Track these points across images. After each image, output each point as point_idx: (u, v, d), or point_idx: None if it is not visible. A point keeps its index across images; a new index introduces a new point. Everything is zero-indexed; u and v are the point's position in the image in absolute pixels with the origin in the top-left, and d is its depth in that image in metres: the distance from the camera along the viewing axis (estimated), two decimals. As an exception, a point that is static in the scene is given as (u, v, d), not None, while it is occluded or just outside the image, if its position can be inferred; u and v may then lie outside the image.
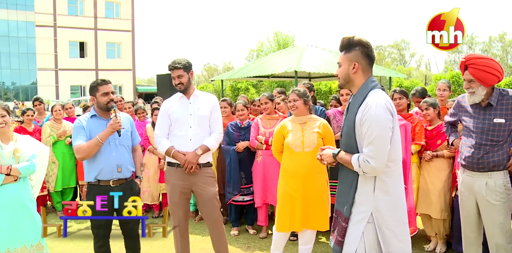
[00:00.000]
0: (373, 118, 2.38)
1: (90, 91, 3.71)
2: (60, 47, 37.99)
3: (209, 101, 3.97)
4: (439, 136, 4.59)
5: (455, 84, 22.41)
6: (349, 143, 2.54)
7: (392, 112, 2.45)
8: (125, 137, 3.73)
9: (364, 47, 2.53)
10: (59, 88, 37.92)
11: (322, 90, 25.00)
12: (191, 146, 3.83)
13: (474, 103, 3.50)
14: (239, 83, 29.18)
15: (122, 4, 40.86)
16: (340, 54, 2.64)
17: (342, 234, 2.54)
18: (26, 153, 3.62)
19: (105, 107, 3.65)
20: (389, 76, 16.78)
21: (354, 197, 2.51)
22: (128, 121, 3.85)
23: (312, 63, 13.83)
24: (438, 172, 4.58)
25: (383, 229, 2.47)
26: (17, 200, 3.48)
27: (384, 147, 2.40)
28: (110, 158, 3.59)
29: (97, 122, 3.68)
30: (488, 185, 3.39)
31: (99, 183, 3.59)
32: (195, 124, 3.87)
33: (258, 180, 5.12)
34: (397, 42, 65.67)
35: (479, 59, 3.41)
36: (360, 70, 2.54)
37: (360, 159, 2.42)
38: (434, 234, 4.71)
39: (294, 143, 3.98)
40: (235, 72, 17.04)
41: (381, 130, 2.39)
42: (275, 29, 36.36)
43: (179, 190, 3.86)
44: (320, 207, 3.99)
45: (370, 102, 2.42)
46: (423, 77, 42.84)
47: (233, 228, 5.39)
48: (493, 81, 3.36)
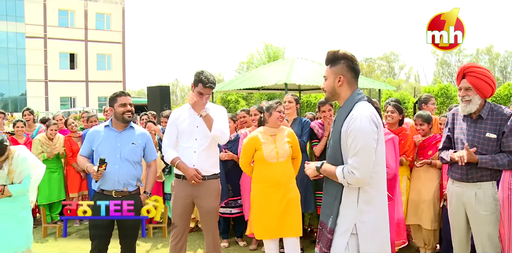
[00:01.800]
0: (358, 130, 2.42)
1: (110, 102, 3.85)
2: (50, 59, 37.86)
3: (218, 113, 3.95)
4: (430, 147, 4.64)
5: (444, 96, 22.70)
6: (334, 155, 2.57)
7: (377, 124, 2.49)
8: (132, 152, 3.78)
9: (349, 60, 2.58)
10: (48, 99, 37.70)
11: (312, 102, 25.15)
12: (196, 158, 3.83)
13: (466, 115, 3.51)
14: (229, 95, 29.24)
15: (112, 16, 40.94)
16: (326, 67, 2.67)
17: (327, 246, 2.56)
18: (20, 175, 3.75)
19: (121, 118, 3.74)
20: (378, 88, 16.91)
21: (338, 209, 2.53)
22: (143, 136, 3.89)
23: (302, 76, 13.91)
24: (428, 183, 4.63)
25: (367, 240, 2.49)
26: (10, 211, 3.66)
27: (368, 158, 2.43)
28: (113, 170, 3.65)
29: (109, 133, 3.78)
30: (477, 196, 3.41)
31: (103, 192, 3.68)
32: (201, 137, 3.86)
33: (247, 192, 5.09)
34: (386, 55, 66.43)
35: (478, 68, 3.45)
36: (345, 83, 2.59)
37: (345, 170, 2.45)
38: (423, 245, 4.74)
39: (269, 154, 3.99)
40: (225, 84, 17.07)
41: (366, 141, 2.42)
42: (265, 42, 36.51)
43: (180, 201, 3.87)
44: (296, 213, 4.01)
45: (355, 114, 2.46)
46: (412, 89, 43.26)
47: (223, 240, 5.37)
48: (488, 92, 3.41)
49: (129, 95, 3.85)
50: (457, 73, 3.58)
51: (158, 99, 11.44)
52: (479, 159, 3.36)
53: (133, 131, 3.84)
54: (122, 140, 3.75)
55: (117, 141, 3.73)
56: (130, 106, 3.76)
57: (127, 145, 3.75)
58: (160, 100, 11.39)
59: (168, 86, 13.98)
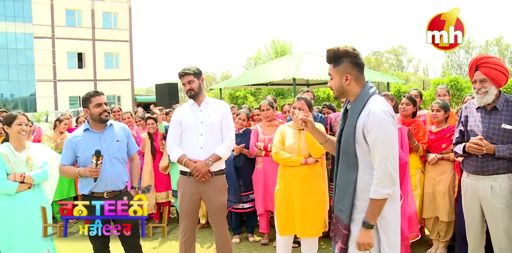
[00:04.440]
0: (379, 125, 2.37)
1: (83, 103, 3.72)
2: (58, 58, 38.04)
3: (220, 108, 3.93)
4: (444, 140, 4.60)
5: (453, 88, 22.49)
6: (347, 149, 2.52)
7: (394, 117, 2.46)
8: (120, 149, 3.74)
9: (352, 56, 2.50)
10: (57, 99, 37.91)
11: (321, 97, 25.06)
12: (202, 154, 3.80)
13: (480, 106, 3.47)
14: (237, 91, 29.23)
15: (119, 15, 41.01)
16: (329, 66, 2.59)
17: (344, 242, 2.51)
18: (38, 161, 3.72)
19: (99, 119, 3.65)
20: (387, 81, 16.82)
21: (353, 204, 2.48)
22: (124, 131, 3.84)
23: (310, 70, 13.87)
24: (442, 175, 4.59)
25: (388, 234, 2.45)
26: (32, 207, 3.55)
27: (394, 152, 2.39)
28: (104, 172, 3.57)
29: (90, 136, 3.67)
30: (493, 189, 3.36)
31: (93, 195, 3.60)
32: (206, 132, 3.83)
33: (259, 187, 5.11)
34: (394, 48, 65.93)
35: (490, 58, 3.41)
36: (353, 81, 2.52)
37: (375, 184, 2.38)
38: (437, 237, 4.71)
39: (291, 146, 4.05)
40: (233, 80, 17.08)
41: (389, 135, 2.38)
42: (273, 37, 36.57)
43: (188, 198, 3.84)
44: (317, 212, 4.00)
45: (373, 109, 2.40)
46: (421, 82, 42.96)
47: (235, 236, 5.37)
48: (503, 81, 3.37)
49: (103, 94, 3.72)
50: (469, 66, 3.52)
51: (167, 97, 11.49)
52: (496, 148, 3.31)
53: (113, 129, 3.77)
54: (106, 140, 3.68)
55: (101, 142, 3.65)
56: (106, 105, 3.67)
57: (112, 143, 3.68)
58: (169, 97, 11.44)
59: (176, 84, 14.02)
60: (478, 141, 3.34)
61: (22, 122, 3.64)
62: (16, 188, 3.54)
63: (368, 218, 2.40)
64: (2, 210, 3.56)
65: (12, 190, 3.54)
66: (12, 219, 3.53)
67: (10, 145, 3.65)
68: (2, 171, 3.52)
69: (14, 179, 3.54)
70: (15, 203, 3.56)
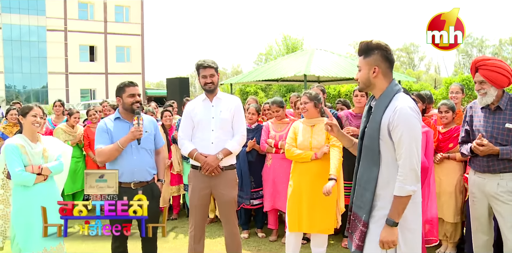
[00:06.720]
0: (405, 122, 2.37)
1: (117, 92, 3.71)
2: (70, 51, 38.30)
3: (232, 103, 3.93)
4: (452, 140, 4.58)
5: (466, 87, 22.26)
6: (370, 145, 2.50)
7: (419, 113, 2.47)
8: (148, 140, 3.73)
9: (383, 50, 2.50)
10: (69, 91, 38.20)
11: (331, 93, 24.96)
12: (213, 149, 3.80)
13: (484, 106, 3.51)
14: (248, 87, 29.21)
15: (131, 8, 41.15)
16: (359, 58, 2.61)
17: (361, 239, 2.50)
18: (53, 153, 3.75)
19: (130, 109, 3.65)
20: (398, 79, 16.71)
21: (373, 201, 2.47)
22: (152, 124, 3.84)
23: (321, 67, 13.81)
24: (450, 174, 4.57)
25: (405, 233, 2.44)
26: (49, 199, 3.54)
27: (419, 149, 2.39)
28: (131, 161, 3.60)
29: (120, 124, 3.69)
30: (500, 186, 3.39)
31: (120, 185, 3.52)
32: (217, 127, 3.84)
33: (268, 184, 5.13)
34: (406, 46, 65.46)
35: (489, 60, 3.45)
36: (380, 74, 2.51)
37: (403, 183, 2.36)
38: (445, 238, 4.69)
39: (302, 143, 4.08)
40: (244, 76, 17.06)
41: (415, 133, 2.38)
42: (284, 33, 36.24)
43: (198, 193, 3.86)
44: (327, 209, 4.01)
45: (399, 105, 2.40)
46: (433, 80, 42.62)
47: (243, 231, 5.41)
48: (504, 83, 3.38)
49: (137, 85, 3.73)
50: (470, 67, 3.58)
51: (178, 91, 11.50)
52: (500, 150, 3.33)
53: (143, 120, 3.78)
54: None
55: None
56: (139, 96, 3.68)
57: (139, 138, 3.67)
58: (180, 91, 11.45)
59: (187, 78, 14.04)
60: (480, 141, 3.38)
61: (37, 114, 3.67)
62: (34, 180, 3.56)
63: (392, 215, 2.39)
64: (20, 201, 3.61)
65: (31, 181, 3.56)
66: (30, 210, 3.55)
67: (24, 136, 3.68)
68: (19, 162, 3.54)
69: (32, 170, 3.56)
70: (32, 195, 3.59)
